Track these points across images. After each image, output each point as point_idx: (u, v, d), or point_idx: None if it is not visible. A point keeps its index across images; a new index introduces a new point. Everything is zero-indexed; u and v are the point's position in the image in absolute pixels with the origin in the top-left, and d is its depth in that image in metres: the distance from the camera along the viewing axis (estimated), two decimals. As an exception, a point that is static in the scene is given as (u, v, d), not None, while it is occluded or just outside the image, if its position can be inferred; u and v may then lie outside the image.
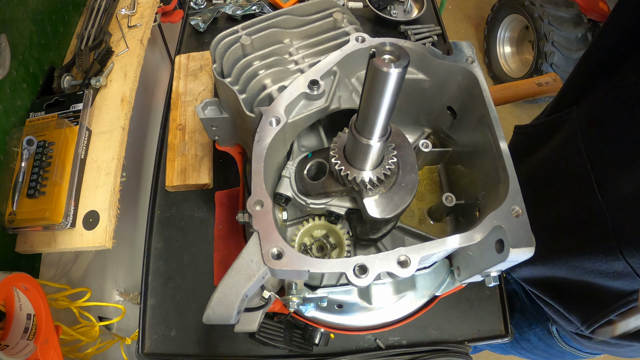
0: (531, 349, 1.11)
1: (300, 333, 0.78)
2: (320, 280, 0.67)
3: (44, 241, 0.91)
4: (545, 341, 1.04)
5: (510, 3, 2.77)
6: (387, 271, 0.48)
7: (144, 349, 0.87)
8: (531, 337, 1.08)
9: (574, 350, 0.98)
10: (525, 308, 1.06)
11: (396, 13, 1.36)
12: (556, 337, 1.00)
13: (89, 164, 0.97)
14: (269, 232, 0.48)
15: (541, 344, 1.07)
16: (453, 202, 0.67)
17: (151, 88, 1.58)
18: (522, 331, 1.09)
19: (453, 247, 0.51)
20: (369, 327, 0.78)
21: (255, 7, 1.30)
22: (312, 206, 0.64)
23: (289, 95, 0.60)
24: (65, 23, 1.16)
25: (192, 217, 0.99)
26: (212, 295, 0.48)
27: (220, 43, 0.67)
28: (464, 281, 0.68)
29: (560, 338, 0.99)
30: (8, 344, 0.77)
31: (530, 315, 1.05)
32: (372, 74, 0.40)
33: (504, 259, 0.49)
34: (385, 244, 0.72)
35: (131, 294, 1.35)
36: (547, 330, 1.02)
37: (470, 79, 0.64)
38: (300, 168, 0.66)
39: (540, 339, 1.05)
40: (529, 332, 1.07)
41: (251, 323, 0.64)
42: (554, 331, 1.00)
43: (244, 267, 0.48)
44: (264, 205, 0.50)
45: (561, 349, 1.01)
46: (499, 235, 0.50)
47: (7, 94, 0.93)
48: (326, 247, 0.68)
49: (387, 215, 0.59)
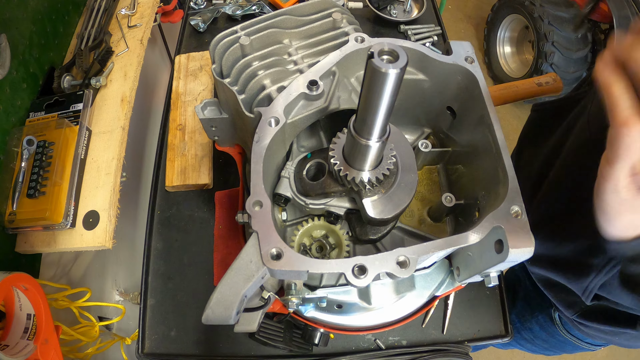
0: (532, 338, 1.11)
1: (300, 333, 0.78)
2: (320, 281, 0.67)
3: (44, 241, 0.91)
4: (547, 329, 1.04)
5: (510, 3, 2.77)
6: (386, 272, 0.48)
7: (144, 349, 0.87)
8: (533, 326, 1.08)
9: (575, 339, 0.98)
10: (528, 295, 1.07)
11: (396, 13, 1.36)
12: (558, 325, 1.00)
13: (89, 164, 0.97)
14: (268, 233, 0.48)
15: (542, 333, 1.07)
16: (452, 202, 0.67)
17: (151, 88, 1.58)
18: (524, 319, 1.09)
19: (452, 247, 0.51)
20: (369, 327, 0.78)
21: (255, 7, 1.30)
22: (312, 206, 0.64)
23: (288, 96, 0.60)
24: (65, 23, 1.16)
25: (192, 217, 0.99)
26: (211, 295, 0.48)
27: (219, 43, 0.67)
28: (464, 281, 0.68)
29: (562, 325, 0.99)
30: (8, 344, 0.77)
31: (534, 302, 1.05)
32: (371, 75, 0.40)
33: (504, 259, 0.49)
34: (384, 244, 0.72)
35: (131, 294, 1.35)
36: (549, 317, 1.02)
37: (470, 79, 0.64)
38: (299, 168, 0.66)
39: (542, 327, 1.06)
40: (531, 320, 1.07)
41: (251, 323, 0.64)
42: (556, 318, 1.00)
43: (243, 267, 0.48)
44: (263, 206, 0.50)
45: (562, 337, 1.01)
46: (499, 235, 0.50)
47: (7, 94, 0.93)
48: (325, 248, 0.68)
49: (387, 216, 0.59)
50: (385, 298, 0.75)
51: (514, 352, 2.24)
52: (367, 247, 0.72)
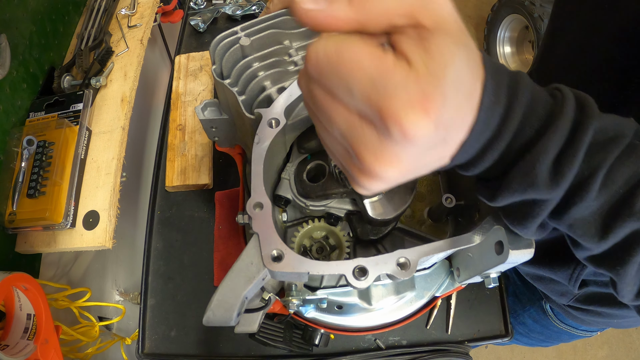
0: (527, 332, 1.11)
1: (300, 333, 0.79)
2: (320, 282, 0.67)
3: (44, 241, 0.91)
4: (540, 322, 1.04)
5: (510, 3, 2.77)
6: (386, 273, 0.48)
7: (144, 349, 0.87)
8: (526, 320, 1.07)
9: (570, 328, 0.98)
10: (518, 290, 1.06)
11: (396, 13, 1.36)
12: (550, 316, 0.99)
13: (89, 164, 0.97)
14: (268, 235, 0.48)
15: (536, 326, 1.06)
16: (453, 203, 0.67)
17: (151, 88, 1.58)
18: (516, 314, 1.08)
19: (453, 249, 0.51)
20: (369, 327, 0.78)
21: (255, 7, 1.30)
22: (312, 208, 0.64)
23: (288, 97, 0.60)
24: (65, 23, 1.16)
25: (192, 217, 1.00)
26: (212, 297, 0.48)
27: (219, 44, 0.67)
28: (464, 282, 0.68)
29: (555, 316, 0.98)
30: (8, 344, 0.77)
31: (524, 297, 1.05)
32: None
33: (504, 260, 0.49)
34: (385, 245, 0.72)
35: (131, 294, 1.35)
36: (541, 310, 1.01)
37: None
38: (299, 170, 0.66)
39: (535, 320, 1.05)
40: (523, 314, 1.07)
41: (251, 324, 0.64)
42: (548, 309, 0.99)
43: (244, 269, 0.48)
44: (263, 208, 0.50)
45: (557, 328, 1.01)
46: (499, 236, 0.50)
47: (7, 94, 0.93)
48: (326, 249, 0.68)
49: (388, 216, 0.59)
50: (385, 299, 0.75)
51: (514, 351, 2.24)
52: (368, 249, 0.72)
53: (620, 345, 2.29)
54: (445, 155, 0.34)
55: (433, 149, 0.32)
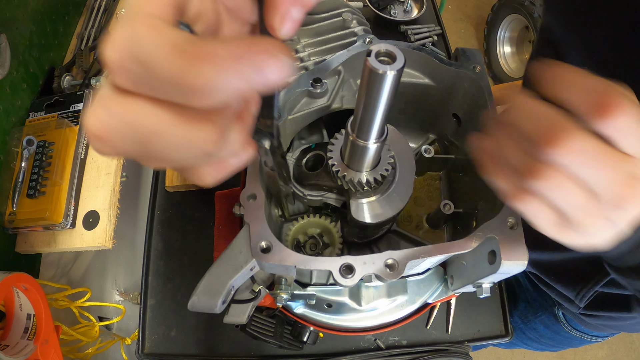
0: (538, 338, 1.10)
1: (290, 329, 0.78)
2: (310, 278, 0.67)
3: (44, 241, 0.91)
4: (552, 327, 1.03)
5: (510, 3, 2.77)
6: (374, 273, 0.48)
7: (144, 349, 0.87)
8: (537, 325, 1.07)
9: (581, 334, 0.97)
10: (529, 296, 1.06)
11: (396, 13, 1.36)
12: (562, 322, 0.99)
13: (89, 164, 0.97)
14: (259, 226, 0.48)
15: (547, 332, 1.06)
16: (451, 209, 0.66)
17: (151, 88, 1.58)
18: (527, 320, 1.08)
19: (443, 254, 0.50)
20: (358, 328, 0.76)
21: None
22: (310, 197, 0.64)
23: (290, 91, 0.60)
24: (65, 23, 1.16)
25: (192, 217, 0.99)
26: (199, 282, 0.48)
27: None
28: (457, 290, 0.66)
29: (567, 322, 0.98)
30: (8, 344, 0.77)
31: (535, 303, 1.04)
32: (367, 76, 0.40)
33: (495, 270, 0.48)
34: (379, 247, 0.71)
35: (131, 294, 1.35)
36: (553, 316, 1.01)
37: (476, 87, 0.62)
38: (300, 157, 0.65)
39: (546, 326, 1.05)
40: (535, 320, 1.06)
41: (241, 315, 0.64)
42: (560, 316, 0.99)
43: (232, 258, 0.48)
44: (256, 199, 0.51)
45: (568, 334, 1.00)
46: (492, 246, 0.49)
47: (7, 94, 0.93)
48: (319, 245, 0.68)
49: (368, 221, 0.58)
50: (376, 300, 0.73)
51: (514, 352, 2.24)
52: (362, 249, 0.72)
53: (620, 345, 2.29)
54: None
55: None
